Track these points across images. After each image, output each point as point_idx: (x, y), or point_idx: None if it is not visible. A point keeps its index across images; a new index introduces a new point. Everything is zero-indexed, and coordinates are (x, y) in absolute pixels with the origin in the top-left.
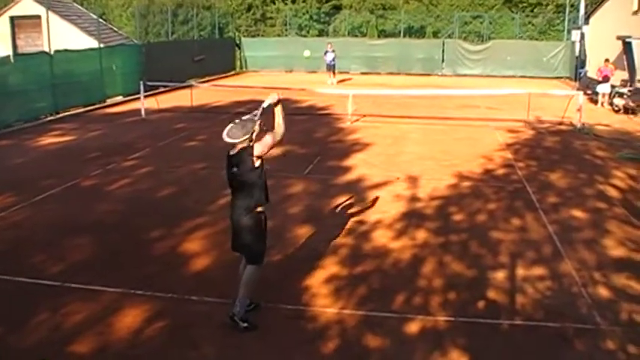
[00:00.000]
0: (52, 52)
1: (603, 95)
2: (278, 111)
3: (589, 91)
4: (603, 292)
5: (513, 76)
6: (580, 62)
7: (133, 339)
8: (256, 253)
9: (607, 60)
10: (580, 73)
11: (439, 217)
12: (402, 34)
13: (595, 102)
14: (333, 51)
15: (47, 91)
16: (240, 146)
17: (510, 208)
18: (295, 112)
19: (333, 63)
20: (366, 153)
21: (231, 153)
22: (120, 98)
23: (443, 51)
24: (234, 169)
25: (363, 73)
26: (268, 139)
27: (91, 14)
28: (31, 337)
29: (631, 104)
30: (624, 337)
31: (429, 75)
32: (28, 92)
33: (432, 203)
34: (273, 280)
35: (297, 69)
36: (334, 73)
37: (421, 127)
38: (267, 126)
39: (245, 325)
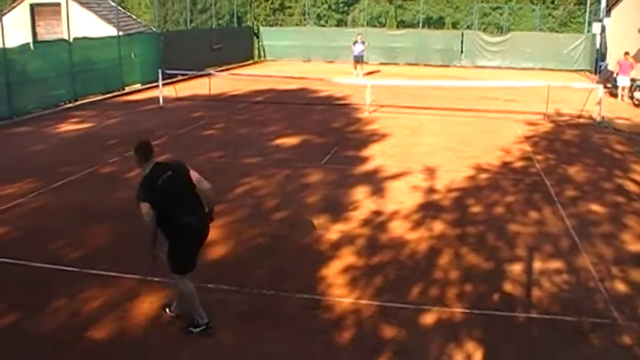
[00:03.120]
0: (71, 40)
1: (623, 89)
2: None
3: (609, 85)
4: (621, 287)
5: (533, 69)
6: (600, 55)
7: (150, 325)
8: None
9: (627, 53)
10: (600, 66)
11: (456, 209)
12: (420, 24)
13: (615, 95)
14: (363, 42)
15: (66, 79)
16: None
17: (528, 201)
18: (313, 102)
19: (361, 54)
20: (384, 144)
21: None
22: (138, 86)
23: (462, 42)
24: (170, 173)
25: (381, 64)
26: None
27: (110, 2)
28: (49, 322)
29: None
30: None
31: (447, 66)
32: (47, 79)
33: (450, 195)
34: (290, 269)
35: (315, 59)
36: (362, 65)
37: (439, 118)
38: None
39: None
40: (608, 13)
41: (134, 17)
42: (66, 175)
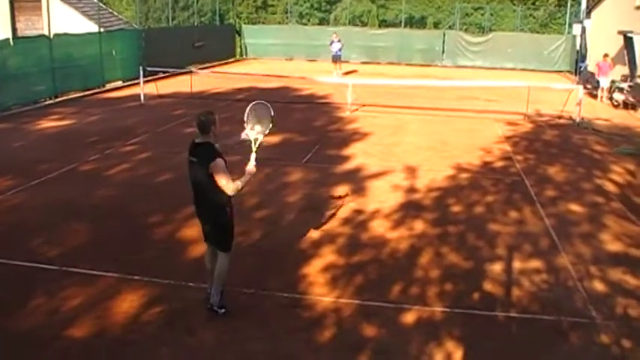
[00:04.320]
0: (51, 36)
1: (602, 89)
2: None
3: (589, 86)
4: (599, 286)
5: (514, 69)
6: (581, 56)
7: (130, 324)
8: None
9: (606, 55)
10: (580, 67)
11: (437, 208)
12: (402, 24)
13: (594, 96)
14: (339, 41)
15: (46, 75)
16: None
17: (508, 201)
18: (295, 100)
19: (339, 54)
20: (365, 142)
21: (197, 140)
22: (119, 83)
23: (443, 42)
24: (195, 160)
25: (363, 63)
26: (223, 177)
27: None
28: (27, 320)
29: (631, 99)
30: (619, 331)
31: (429, 66)
32: (27, 76)
33: (430, 194)
34: (271, 268)
35: (298, 57)
36: (340, 64)
37: (420, 117)
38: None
39: (223, 310)
40: (588, 14)
41: (115, 14)
42: (46, 172)
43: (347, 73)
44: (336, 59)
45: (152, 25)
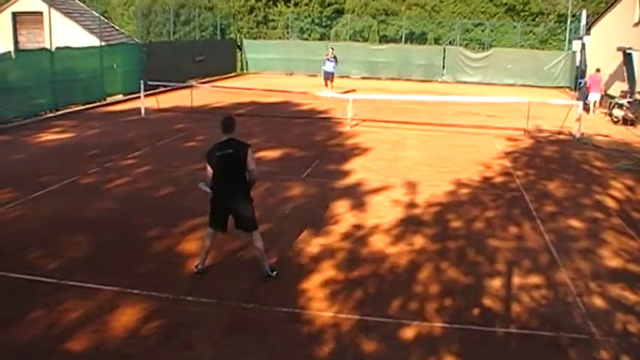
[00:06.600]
0: (53, 49)
1: (594, 103)
2: None
3: (588, 101)
4: (598, 302)
5: (513, 85)
6: (580, 72)
7: (128, 338)
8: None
9: (598, 70)
10: (580, 83)
11: (436, 224)
12: (403, 39)
13: (587, 110)
14: (335, 57)
15: (47, 88)
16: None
17: (508, 216)
18: (295, 115)
19: (332, 71)
20: (365, 157)
21: (224, 139)
22: (120, 97)
23: (444, 58)
24: (231, 151)
25: (363, 78)
26: (254, 161)
27: (93, 12)
28: (25, 334)
29: (630, 115)
30: (618, 347)
31: (429, 81)
32: (28, 88)
33: (430, 209)
34: (269, 282)
35: (298, 72)
36: (331, 82)
37: (420, 133)
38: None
39: (276, 272)
40: (588, 31)
41: (117, 28)
42: (45, 185)
43: (344, 92)
44: (329, 77)
45: (153, 40)
